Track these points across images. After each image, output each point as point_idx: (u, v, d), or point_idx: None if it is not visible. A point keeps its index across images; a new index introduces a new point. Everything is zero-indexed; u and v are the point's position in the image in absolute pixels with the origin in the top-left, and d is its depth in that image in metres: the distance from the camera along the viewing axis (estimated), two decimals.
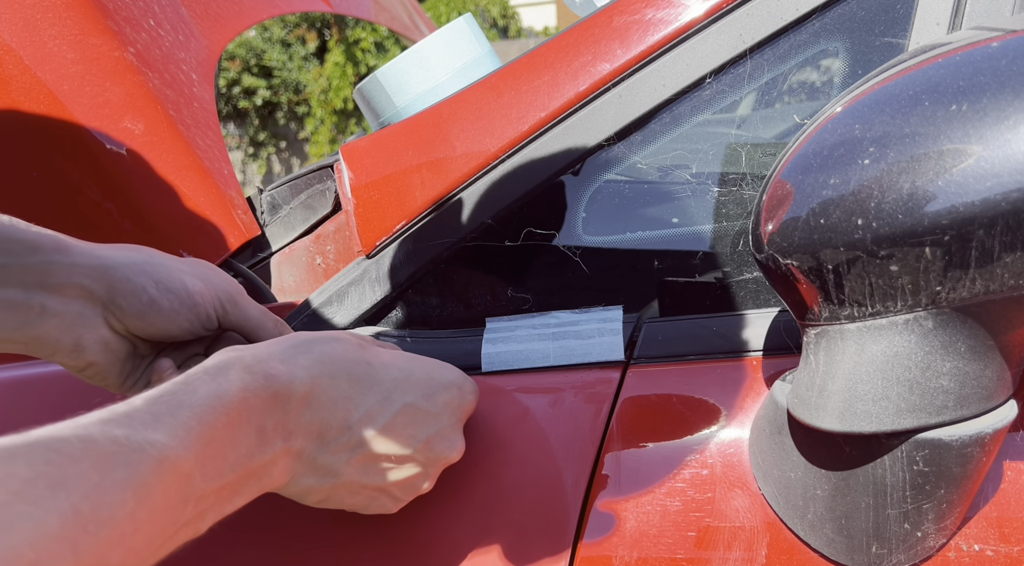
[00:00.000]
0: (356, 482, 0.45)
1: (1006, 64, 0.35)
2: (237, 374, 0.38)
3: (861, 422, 0.40)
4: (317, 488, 0.44)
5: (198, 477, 0.34)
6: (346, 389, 0.44)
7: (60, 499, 0.27)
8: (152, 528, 0.30)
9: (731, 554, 0.48)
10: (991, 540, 0.45)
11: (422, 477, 0.48)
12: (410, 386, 0.47)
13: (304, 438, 0.42)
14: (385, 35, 8.52)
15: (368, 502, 0.47)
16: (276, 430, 0.40)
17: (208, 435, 0.35)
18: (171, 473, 0.32)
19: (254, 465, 0.38)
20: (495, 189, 0.60)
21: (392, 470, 0.46)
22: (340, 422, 0.43)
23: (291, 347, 0.44)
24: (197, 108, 0.74)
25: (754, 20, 0.56)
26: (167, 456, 0.32)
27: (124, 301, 0.48)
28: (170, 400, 0.34)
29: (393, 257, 0.62)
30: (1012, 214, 0.34)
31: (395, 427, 0.45)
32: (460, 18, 0.76)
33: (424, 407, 0.47)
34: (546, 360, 0.56)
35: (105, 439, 0.30)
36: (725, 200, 0.59)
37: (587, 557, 0.49)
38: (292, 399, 0.41)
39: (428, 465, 0.48)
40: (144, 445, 0.31)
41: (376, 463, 0.45)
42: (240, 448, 0.37)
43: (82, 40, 0.67)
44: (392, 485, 0.47)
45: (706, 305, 0.58)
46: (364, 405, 0.44)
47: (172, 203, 0.69)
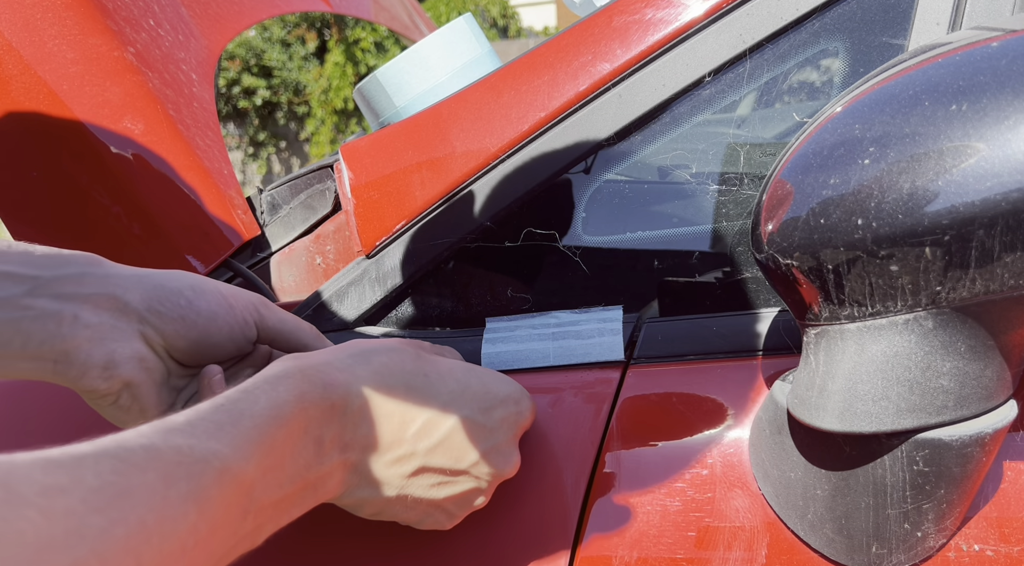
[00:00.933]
0: (411, 496, 0.45)
1: (1006, 64, 0.35)
2: (295, 383, 0.38)
3: (861, 422, 0.40)
4: (371, 501, 0.44)
5: (259, 489, 0.33)
6: (403, 402, 0.43)
7: (126, 510, 0.26)
8: (212, 541, 0.30)
9: (731, 554, 0.48)
10: (991, 540, 0.45)
11: (477, 492, 0.47)
12: (467, 399, 0.46)
13: (360, 450, 0.41)
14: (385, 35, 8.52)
15: (423, 517, 0.47)
16: (333, 442, 0.39)
17: (269, 445, 0.34)
18: (232, 485, 0.31)
19: (312, 477, 0.38)
20: (495, 189, 0.60)
21: (447, 485, 0.46)
22: (396, 435, 0.43)
23: (349, 357, 0.43)
24: (197, 108, 0.74)
25: (754, 20, 0.56)
26: (229, 468, 0.31)
27: (162, 306, 0.46)
28: (231, 409, 0.34)
29: (393, 257, 0.62)
30: (1012, 214, 0.34)
31: (451, 441, 0.45)
32: (460, 18, 0.76)
33: (481, 421, 0.46)
34: (546, 360, 0.56)
35: (169, 449, 0.30)
36: (725, 200, 0.59)
37: (587, 557, 0.49)
38: (349, 410, 0.41)
39: (483, 480, 0.47)
40: (207, 456, 0.31)
41: (431, 477, 0.45)
42: (299, 459, 0.37)
43: (82, 40, 0.67)
44: (447, 500, 0.46)
45: (706, 305, 0.58)
46: (421, 418, 0.44)
47: (172, 203, 0.69)
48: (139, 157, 0.69)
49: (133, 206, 0.69)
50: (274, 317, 0.51)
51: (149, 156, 0.69)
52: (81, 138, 0.67)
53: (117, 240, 0.69)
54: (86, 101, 0.67)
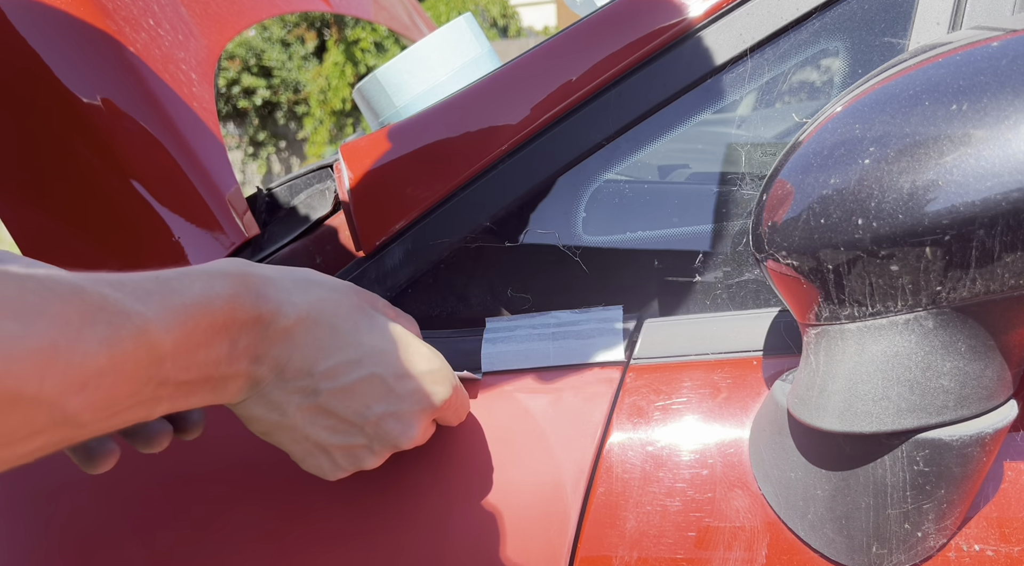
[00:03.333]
0: (299, 429, 0.45)
1: (1006, 64, 0.35)
2: (232, 283, 0.39)
3: (861, 422, 0.40)
4: (262, 419, 0.44)
5: (168, 363, 0.34)
6: (324, 339, 0.44)
7: (41, 327, 0.27)
8: (113, 392, 0.31)
9: (731, 554, 0.48)
10: (991, 540, 0.45)
11: (365, 450, 0.47)
12: (385, 358, 0.46)
13: (268, 368, 0.42)
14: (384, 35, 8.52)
15: (306, 455, 0.47)
16: (247, 350, 0.40)
17: (191, 328, 0.35)
18: (146, 347, 0.32)
19: (217, 374, 0.39)
20: (495, 189, 0.60)
21: (336, 431, 0.46)
22: (305, 366, 0.43)
23: (292, 280, 0.44)
24: (197, 108, 0.74)
25: (754, 20, 0.56)
26: (147, 330, 0.32)
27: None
28: (164, 283, 0.35)
29: (393, 257, 0.62)
30: (1012, 214, 0.34)
31: (353, 391, 0.45)
32: (460, 18, 0.76)
33: (390, 384, 0.46)
34: (546, 360, 0.56)
35: (95, 293, 0.30)
36: (725, 200, 0.59)
37: (587, 557, 0.49)
38: (272, 328, 0.41)
39: (374, 441, 0.47)
40: (129, 312, 0.31)
41: (323, 418, 0.45)
42: (211, 353, 0.37)
43: (81, 39, 0.67)
44: (334, 448, 0.47)
45: (706, 305, 0.58)
46: (333, 359, 0.44)
47: (171, 203, 0.69)
48: (139, 157, 0.69)
49: (133, 205, 0.69)
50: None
51: (147, 156, 0.69)
52: (81, 136, 0.67)
53: (117, 238, 0.69)
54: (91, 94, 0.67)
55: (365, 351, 0.45)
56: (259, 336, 0.41)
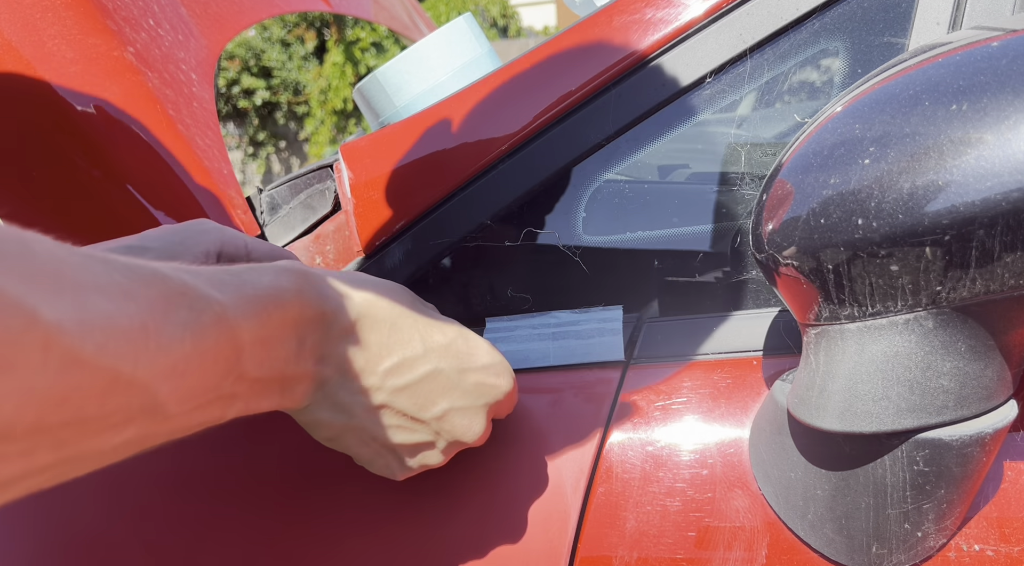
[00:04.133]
0: (367, 430, 0.45)
1: (1006, 64, 0.35)
2: (297, 279, 0.39)
3: (861, 422, 0.40)
4: (329, 423, 0.44)
5: (247, 354, 0.34)
6: (386, 336, 0.44)
7: (130, 308, 0.26)
8: (198, 381, 0.30)
9: (731, 554, 0.48)
10: (991, 540, 0.45)
11: (431, 448, 0.47)
12: (447, 354, 0.46)
13: (333, 367, 0.42)
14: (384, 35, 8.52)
15: (374, 456, 0.47)
16: (313, 349, 0.40)
17: (265, 320, 0.35)
18: (227, 335, 0.32)
19: (288, 373, 0.38)
20: (495, 189, 0.60)
21: (405, 430, 0.46)
22: (370, 364, 0.43)
23: (349, 280, 0.44)
24: (197, 108, 0.74)
25: (754, 20, 0.56)
26: (227, 318, 0.32)
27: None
28: (237, 274, 0.35)
29: (393, 257, 0.62)
30: (1012, 214, 0.34)
31: (418, 388, 0.45)
32: (460, 18, 0.76)
33: (454, 378, 0.46)
34: (546, 360, 0.56)
35: (176, 280, 0.30)
36: (725, 200, 0.59)
37: (587, 557, 0.49)
38: (335, 326, 0.41)
39: (441, 437, 0.47)
40: (209, 299, 0.31)
41: (391, 417, 0.45)
42: (282, 349, 0.37)
43: (81, 39, 0.67)
44: (400, 446, 0.46)
45: (706, 305, 0.58)
46: (397, 356, 0.44)
47: (171, 203, 0.69)
48: (138, 157, 0.69)
49: (132, 207, 0.69)
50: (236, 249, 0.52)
51: (149, 156, 0.69)
52: (81, 136, 0.67)
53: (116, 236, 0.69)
54: (86, 100, 0.67)
55: (427, 346, 0.45)
56: (323, 334, 0.41)
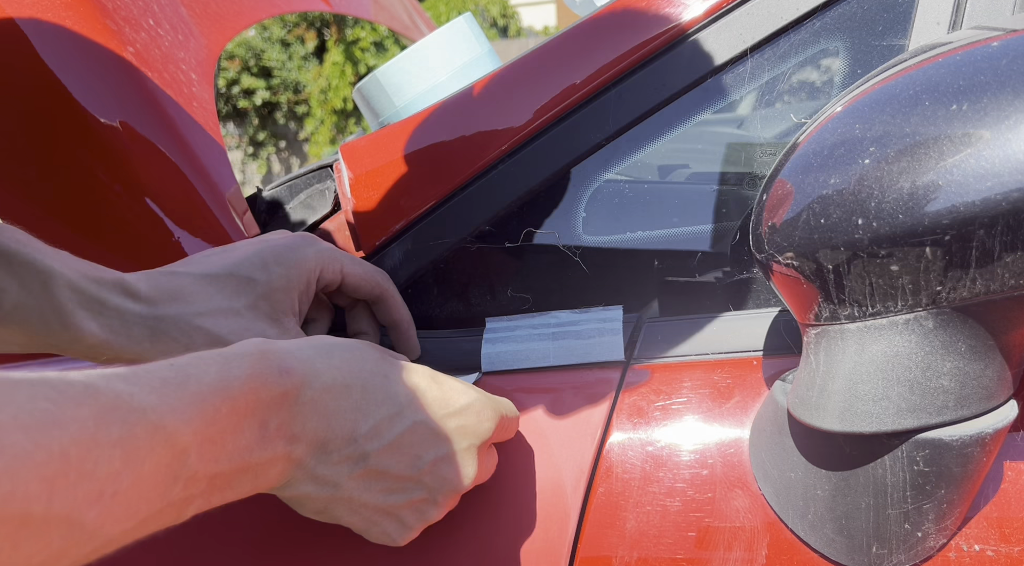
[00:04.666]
0: (356, 499, 0.44)
1: (1006, 64, 0.35)
2: (251, 362, 0.38)
3: (861, 422, 0.40)
4: (315, 497, 0.43)
5: (193, 457, 0.33)
6: (358, 400, 0.43)
7: (52, 437, 0.26)
8: (134, 496, 0.30)
9: (731, 554, 0.48)
10: (991, 540, 0.45)
11: (428, 503, 0.46)
12: (422, 404, 0.45)
13: (307, 445, 0.41)
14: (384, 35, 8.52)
15: (369, 525, 0.46)
16: (280, 430, 0.39)
17: (211, 416, 0.34)
18: (164, 444, 0.31)
19: (253, 460, 0.37)
20: (495, 189, 0.60)
21: (395, 491, 0.45)
22: (346, 433, 0.42)
23: (312, 348, 0.43)
24: (197, 108, 0.74)
25: (754, 20, 0.56)
26: (164, 425, 0.31)
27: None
28: (180, 371, 0.34)
29: (393, 257, 0.62)
30: (1012, 214, 0.34)
31: (401, 445, 0.44)
32: (460, 18, 0.76)
33: (435, 427, 0.45)
34: (546, 360, 0.56)
35: (108, 392, 0.29)
36: (725, 200, 0.59)
37: (587, 557, 0.49)
38: (300, 401, 0.40)
39: (434, 490, 0.46)
40: (144, 408, 0.30)
41: (378, 480, 0.44)
42: (240, 440, 0.36)
43: (81, 39, 0.67)
44: (395, 507, 0.45)
45: (706, 305, 0.58)
46: (373, 418, 0.43)
47: (171, 203, 0.69)
48: (138, 156, 0.69)
49: (133, 206, 0.69)
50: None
51: (148, 155, 0.69)
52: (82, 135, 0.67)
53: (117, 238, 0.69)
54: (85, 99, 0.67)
55: (401, 402, 0.44)
56: (289, 413, 0.39)
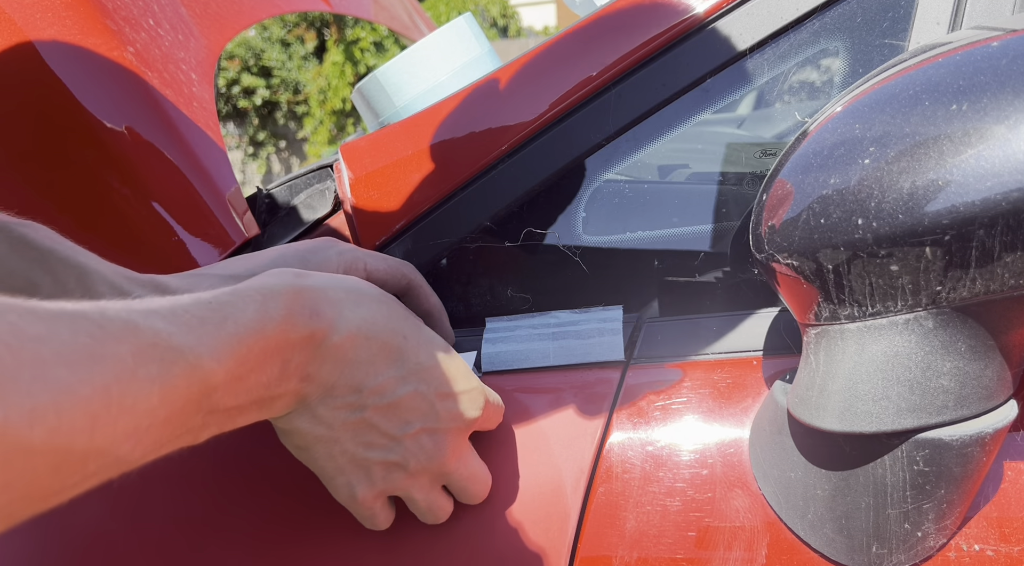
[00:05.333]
0: (339, 443, 0.45)
1: (1006, 64, 0.35)
2: (287, 302, 0.39)
3: (861, 422, 0.40)
4: (304, 433, 0.44)
5: (219, 393, 0.34)
6: (375, 354, 0.44)
7: (95, 373, 0.27)
8: (165, 429, 0.31)
9: (731, 554, 0.48)
10: (991, 540, 0.45)
11: (399, 468, 0.47)
12: (429, 376, 0.46)
13: (317, 385, 0.42)
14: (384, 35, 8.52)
15: (337, 473, 0.46)
16: (298, 369, 0.40)
17: (243, 356, 0.35)
18: (198, 383, 0.32)
19: (267, 395, 0.39)
20: (495, 189, 0.60)
21: (375, 446, 0.46)
22: (355, 383, 0.43)
23: (345, 291, 0.44)
24: (197, 108, 0.74)
25: (754, 20, 0.56)
26: (201, 365, 0.32)
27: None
28: (218, 309, 0.35)
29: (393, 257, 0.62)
30: (1012, 214, 0.34)
31: (397, 407, 0.45)
32: (460, 17, 0.76)
33: (432, 401, 0.46)
34: (546, 360, 0.56)
35: (147, 329, 0.30)
36: (725, 200, 0.59)
37: (587, 557, 0.49)
38: (324, 346, 0.41)
39: (409, 457, 0.47)
40: (182, 348, 0.31)
41: (365, 433, 0.45)
42: (263, 376, 0.37)
43: (81, 39, 0.67)
44: (369, 461, 0.46)
45: (706, 305, 0.58)
46: (382, 376, 0.44)
47: (171, 203, 0.69)
48: (139, 156, 0.69)
49: (133, 205, 0.69)
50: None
51: (149, 156, 0.69)
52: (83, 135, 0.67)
53: (118, 238, 0.69)
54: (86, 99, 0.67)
55: (411, 368, 0.46)
56: (311, 354, 0.41)
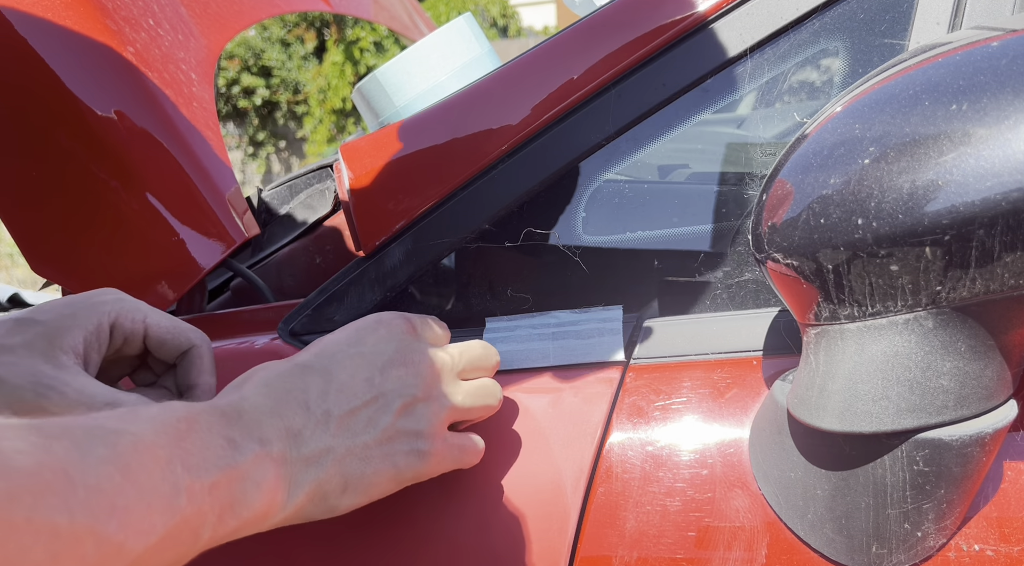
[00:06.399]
0: (354, 446, 0.45)
1: (1006, 64, 0.35)
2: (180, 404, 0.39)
3: (861, 422, 0.40)
4: (328, 478, 0.43)
5: (179, 466, 0.34)
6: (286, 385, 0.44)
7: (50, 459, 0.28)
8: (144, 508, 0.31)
9: (731, 554, 0.48)
10: (991, 540, 0.45)
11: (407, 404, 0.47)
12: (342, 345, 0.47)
13: (280, 441, 0.42)
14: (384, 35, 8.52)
15: (385, 462, 0.46)
16: (246, 438, 0.40)
17: (175, 432, 0.35)
18: (149, 455, 0.32)
19: (237, 466, 0.38)
20: (495, 189, 0.60)
21: (373, 417, 0.46)
22: (300, 410, 0.43)
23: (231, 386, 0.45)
24: (196, 108, 0.74)
25: (754, 20, 0.56)
26: (141, 440, 0.33)
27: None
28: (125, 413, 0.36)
29: (393, 257, 0.62)
30: (1012, 214, 0.34)
31: (350, 382, 0.46)
32: (460, 17, 0.76)
33: (364, 351, 0.47)
34: (546, 360, 0.56)
35: (79, 427, 0.31)
36: (725, 200, 0.59)
37: (587, 557, 0.49)
38: (244, 414, 0.41)
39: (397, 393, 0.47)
40: (119, 430, 0.32)
41: (354, 417, 0.45)
42: (213, 449, 0.37)
43: (81, 39, 0.67)
44: (390, 429, 0.46)
45: (706, 305, 0.58)
46: (312, 386, 0.44)
47: (172, 203, 0.69)
48: (139, 156, 0.69)
49: (133, 205, 0.69)
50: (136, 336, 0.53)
51: (149, 155, 0.69)
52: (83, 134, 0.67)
53: (118, 238, 0.69)
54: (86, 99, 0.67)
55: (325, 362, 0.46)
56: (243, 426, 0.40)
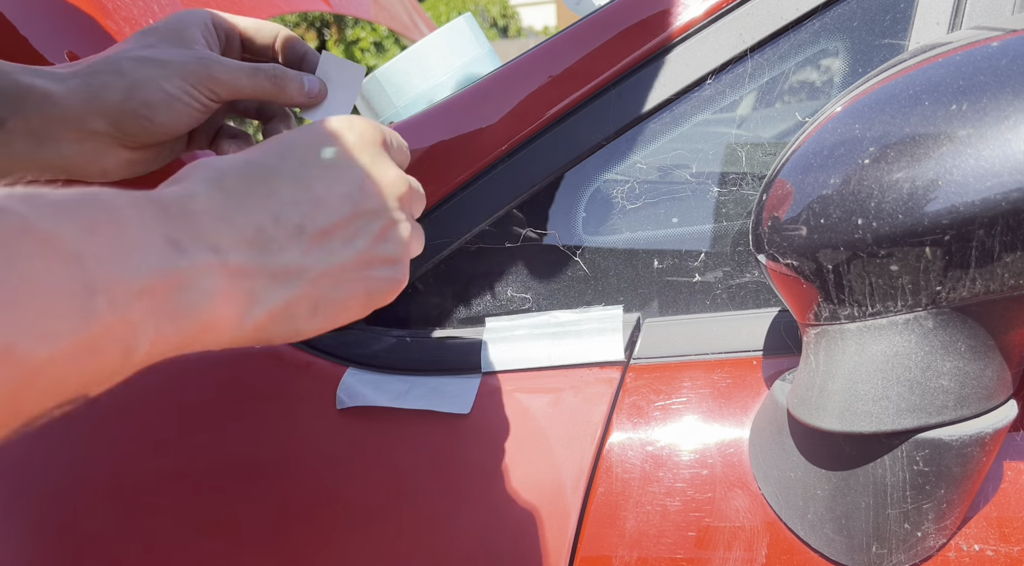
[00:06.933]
0: (330, 269, 0.39)
1: (1006, 64, 0.35)
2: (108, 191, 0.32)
3: (861, 422, 0.40)
4: (297, 297, 0.38)
5: (92, 262, 0.28)
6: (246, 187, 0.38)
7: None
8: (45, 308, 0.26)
9: (731, 554, 0.48)
10: (991, 540, 0.45)
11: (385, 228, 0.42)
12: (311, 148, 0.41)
13: (238, 252, 0.35)
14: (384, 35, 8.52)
15: (358, 286, 0.41)
16: (194, 241, 0.33)
17: (87, 222, 0.30)
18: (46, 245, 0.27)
19: (180, 271, 0.32)
20: (495, 189, 0.60)
21: (352, 234, 0.41)
22: (266, 218, 0.37)
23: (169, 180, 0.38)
24: None
25: (754, 20, 0.56)
26: (33, 225, 0.27)
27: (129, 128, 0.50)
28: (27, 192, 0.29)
29: None
30: (1012, 214, 0.34)
31: (326, 194, 0.40)
32: (460, 18, 0.76)
33: (339, 161, 0.41)
34: (546, 360, 0.56)
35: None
36: (725, 200, 0.59)
37: (587, 557, 0.49)
38: (192, 215, 0.34)
39: (376, 214, 0.42)
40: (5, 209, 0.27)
41: (330, 236, 0.40)
42: (147, 249, 0.31)
43: (81, 39, 0.67)
44: (370, 251, 0.41)
45: (706, 305, 0.58)
46: (281, 193, 0.38)
47: None
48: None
49: None
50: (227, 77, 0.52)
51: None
52: None
53: None
54: None
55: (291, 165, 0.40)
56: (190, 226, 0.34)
